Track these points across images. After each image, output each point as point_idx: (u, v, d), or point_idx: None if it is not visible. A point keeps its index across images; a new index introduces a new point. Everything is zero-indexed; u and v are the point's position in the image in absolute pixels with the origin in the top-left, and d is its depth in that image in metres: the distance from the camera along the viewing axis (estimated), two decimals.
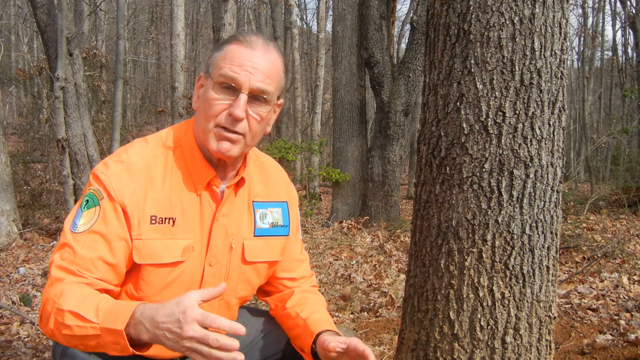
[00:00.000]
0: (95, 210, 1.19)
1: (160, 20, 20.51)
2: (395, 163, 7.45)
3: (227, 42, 1.27)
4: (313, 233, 6.13)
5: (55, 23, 6.31)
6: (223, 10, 6.16)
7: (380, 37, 7.32)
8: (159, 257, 1.23)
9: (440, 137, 1.49)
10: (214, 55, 1.27)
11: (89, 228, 1.18)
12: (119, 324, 1.04)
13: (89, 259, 1.16)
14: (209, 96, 1.23)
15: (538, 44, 1.40)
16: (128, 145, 1.29)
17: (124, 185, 1.20)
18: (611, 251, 4.13)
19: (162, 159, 1.26)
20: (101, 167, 1.24)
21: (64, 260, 1.16)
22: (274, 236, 1.41)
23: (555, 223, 1.49)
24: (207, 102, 1.24)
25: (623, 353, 2.27)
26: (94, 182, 1.22)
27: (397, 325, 2.84)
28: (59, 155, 6.54)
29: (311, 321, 1.36)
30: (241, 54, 1.23)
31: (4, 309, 3.52)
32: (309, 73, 21.09)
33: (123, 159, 1.24)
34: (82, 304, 1.09)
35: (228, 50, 1.25)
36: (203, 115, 1.25)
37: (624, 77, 17.70)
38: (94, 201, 1.20)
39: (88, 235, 1.18)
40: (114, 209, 1.19)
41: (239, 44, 1.25)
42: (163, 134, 1.33)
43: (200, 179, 1.28)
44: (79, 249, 1.16)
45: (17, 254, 6.11)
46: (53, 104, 6.39)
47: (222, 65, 1.23)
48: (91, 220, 1.19)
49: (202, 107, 1.26)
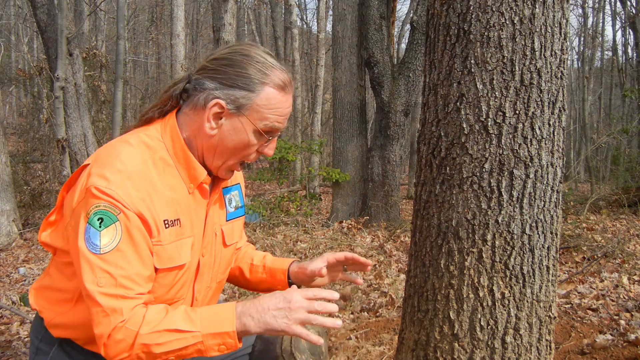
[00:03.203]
0: (116, 227, 1.13)
1: (160, 20, 20.51)
2: (395, 163, 7.45)
3: (263, 82, 1.23)
4: (313, 233, 6.13)
5: (55, 23, 6.31)
6: (223, 10, 6.16)
7: (380, 37, 7.32)
8: (175, 259, 1.25)
9: (440, 137, 1.49)
10: (250, 97, 1.23)
11: (116, 246, 1.13)
12: (228, 326, 1.14)
13: (128, 277, 1.14)
14: (248, 140, 1.25)
15: (538, 44, 1.40)
16: (114, 152, 1.21)
17: (132, 195, 1.16)
18: (611, 251, 4.13)
19: (154, 160, 1.24)
20: (101, 181, 1.15)
21: (104, 286, 1.12)
22: (238, 217, 1.49)
23: (555, 223, 1.49)
24: (243, 143, 1.25)
25: (623, 353, 2.26)
26: (101, 197, 1.14)
27: (397, 325, 2.84)
28: (59, 155, 6.55)
29: (270, 262, 1.58)
30: (283, 102, 1.26)
31: (4, 309, 3.52)
32: (309, 73, 21.09)
33: (120, 168, 1.17)
34: (169, 320, 1.14)
35: (271, 96, 1.23)
36: (231, 153, 1.27)
37: (624, 77, 17.71)
38: (110, 218, 1.13)
39: (117, 253, 1.13)
40: (133, 221, 1.15)
41: (280, 90, 1.25)
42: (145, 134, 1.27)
43: (193, 178, 1.28)
44: (114, 270, 1.13)
45: (17, 254, 6.12)
46: (53, 104, 6.40)
47: (267, 115, 1.24)
48: (115, 238, 1.14)
49: (231, 145, 1.26)
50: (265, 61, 1.25)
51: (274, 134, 1.27)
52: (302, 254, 4.83)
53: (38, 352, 1.32)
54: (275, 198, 8.35)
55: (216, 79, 1.23)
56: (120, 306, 1.13)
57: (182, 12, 10.07)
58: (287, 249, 5.01)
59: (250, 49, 1.27)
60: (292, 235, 5.78)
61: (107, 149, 1.25)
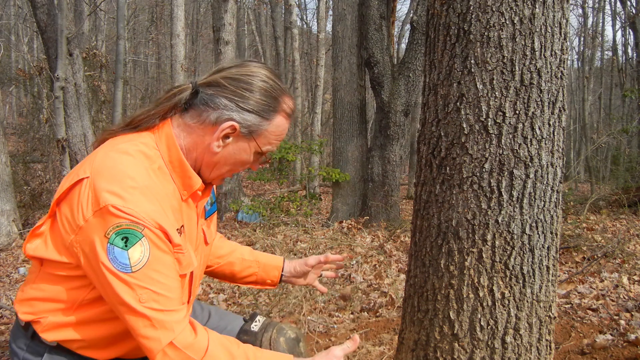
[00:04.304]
0: (142, 244, 1.13)
1: (160, 20, 20.52)
2: (395, 163, 7.45)
3: (276, 109, 1.29)
4: (313, 233, 6.13)
5: (55, 23, 6.31)
6: (223, 10, 6.17)
7: (380, 37, 7.32)
8: (190, 265, 1.27)
9: (440, 137, 1.49)
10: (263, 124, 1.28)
11: (146, 262, 1.13)
12: None
13: (166, 289, 1.15)
14: (249, 160, 1.32)
15: (538, 44, 1.40)
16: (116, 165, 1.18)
17: (150, 210, 1.15)
18: (611, 251, 4.13)
19: (152, 171, 1.23)
20: (116, 200, 1.12)
21: (146, 301, 1.13)
22: (213, 213, 1.52)
23: (555, 223, 1.49)
24: (242, 162, 1.32)
25: (623, 353, 2.27)
26: (121, 216, 1.12)
27: (397, 325, 2.84)
28: (59, 155, 6.55)
29: (264, 259, 1.74)
30: (286, 128, 1.34)
31: (4, 309, 3.52)
32: (309, 73, 21.10)
33: (132, 184, 1.15)
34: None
35: (279, 124, 1.31)
36: (229, 167, 1.32)
37: (624, 77, 17.71)
38: (135, 236, 1.12)
39: (149, 269, 1.14)
40: (157, 235, 1.15)
41: (287, 118, 1.33)
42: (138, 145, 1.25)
43: (188, 187, 1.29)
44: (150, 285, 1.13)
45: (17, 254, 6.12)
46: (53, 104, 6.40)
47: (272, 140, 1.31)
48: (144, 254, 1.13)
49: (231, 162, 1.31)
50: (279, 87, 1.30)
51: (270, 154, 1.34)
52: (302, 254, 4.83)
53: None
54: (275, 198, 8.35)
55: (233, 100, 1.25)
56: (170, 320, 1.15)
57: (182, 12, 10.07)
58: (287, 249, 5.01)
59: (266, 74, 1.30)
60: (292, 235, 5.78)
61: (106, 160, 1.20)
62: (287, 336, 1.56)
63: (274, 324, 1.60)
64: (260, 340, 1.54)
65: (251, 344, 1.43)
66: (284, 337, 1.55)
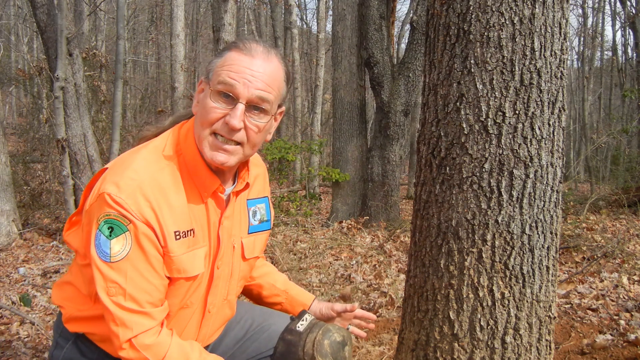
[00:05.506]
0: (126, 237, 1.15)
1: (160, 20, 20.50)
2: (395, 163, 7.45)
3: (228, 48, 1.25)
4: (313, 233, 6.13)
5: (55, 23, 6.31)
6: (223, 11, 6.16)
7: (380, 37, 7.31)
8: (188, 270, 1.25)
9: (440, 137, 1.49)
10: (214, 62, 1.25)
11: (126, 255, 1.15)
12: None
13: (138, 288, 1.16)
14: (207, 103, 1.22)
15: (538, 44, 1.40)
16: (129, 159, 1.22)
17: (142, 205, 1.16)
18: (611, 251, 4.13)
19: (168, 170, 1.23)
20: (112, 188, 1.15)
21: (114, 296, 1.15)
22: (262, 231, 1.47)
23: (555, 223, 1.49)
24: (205, 108, 1.22)
25: (623, 353, 2.26)
26: (112, 205, 1.14)
27: (397, 325, 2.84)
28: (59, 155, 6.54)
29: (294, 293, 1.65)
30: (240, 61, 1.21)
31: (4, 309, 3.52)
32: (309, 73, 21.08)
33: (133, 177, 1.17)
34: None
35: (227, 57, 1.23)
36: (199, 121, 1.24)
37: (624, 77, 17.71)
38: (120, 227, 1.14)
39: (127, 262, 1.15)
40: (142, 230, 1.16)
41: (239, 51, 1.23)
42: (160, 142, 1.28)
43: (205, 188, 1.27)
44: (123, 281, 1.15)
45: (17, 254, 6.11)
46: (53, 104, 6.39)
47: (220, 72, 1.21)
48: (125, 247, 1.15)
49: (199, 113, 1.25)
50: (244, 38, 1.30)
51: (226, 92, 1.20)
52: (301, 254, 4.83)
53: (57, 346, 1.35)
54: (275, 198, 8.35)
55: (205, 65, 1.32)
56: (131, 320, 1.15)
57: (182, 12, 10.07)
58: (287, 249, 5.01)
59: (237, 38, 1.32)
60: (292, 235, 5.77)
61: (125, 155, 1.26)
62: (332, 339, 1.47)
63: (320, 324, 1.51)
64: (305, 340, 1.46)
65: (294, 345, 1.42)
66: (329, 339, 1.46)
